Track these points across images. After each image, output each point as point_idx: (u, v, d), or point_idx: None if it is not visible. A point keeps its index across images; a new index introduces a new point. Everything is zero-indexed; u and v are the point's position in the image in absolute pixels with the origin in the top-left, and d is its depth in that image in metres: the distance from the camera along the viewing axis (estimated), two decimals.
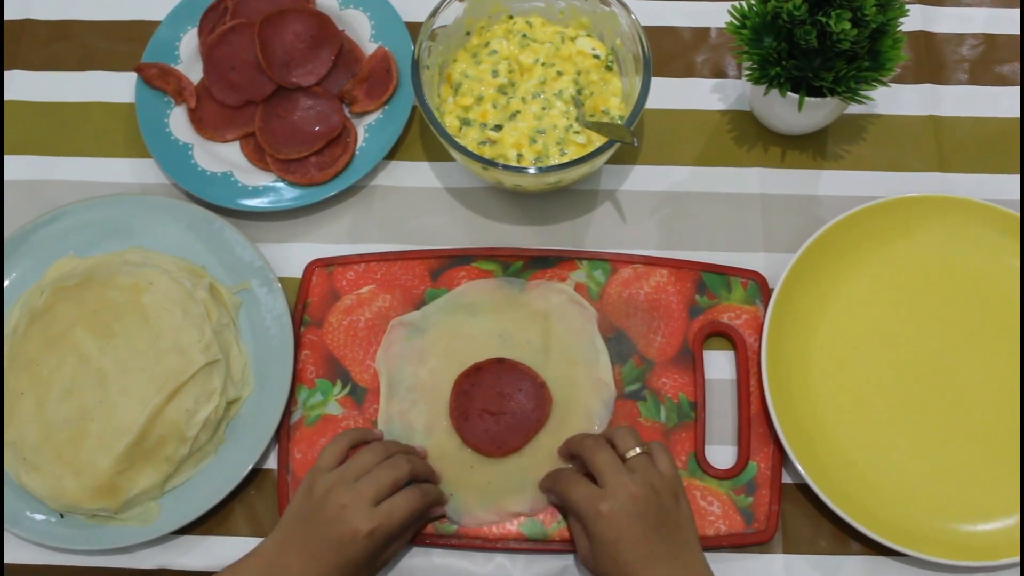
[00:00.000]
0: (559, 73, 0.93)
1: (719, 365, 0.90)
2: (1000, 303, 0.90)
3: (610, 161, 0.95)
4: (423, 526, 0.84)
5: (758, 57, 0.88)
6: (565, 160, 0.90)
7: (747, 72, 0.90)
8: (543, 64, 0.94)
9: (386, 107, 0.98)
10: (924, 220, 0.92)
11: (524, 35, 0.95)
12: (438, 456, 0.86)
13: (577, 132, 0.91)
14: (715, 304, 0.91)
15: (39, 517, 0.85)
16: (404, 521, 0.78)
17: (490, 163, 0.85)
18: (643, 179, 0.98)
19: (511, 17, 0.97)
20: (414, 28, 0.98)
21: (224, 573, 0.75)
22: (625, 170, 0.98)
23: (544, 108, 0.92)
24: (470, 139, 0.92)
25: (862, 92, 0.87)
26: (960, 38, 1.03)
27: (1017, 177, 0.97)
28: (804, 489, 0.86)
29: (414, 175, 0.99)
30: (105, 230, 0.94)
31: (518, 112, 0.92)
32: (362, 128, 0.98)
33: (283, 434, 0.88)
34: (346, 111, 0.99)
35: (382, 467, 0.79)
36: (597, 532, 0.74)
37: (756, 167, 0.98)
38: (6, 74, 1.04)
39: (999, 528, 0.83)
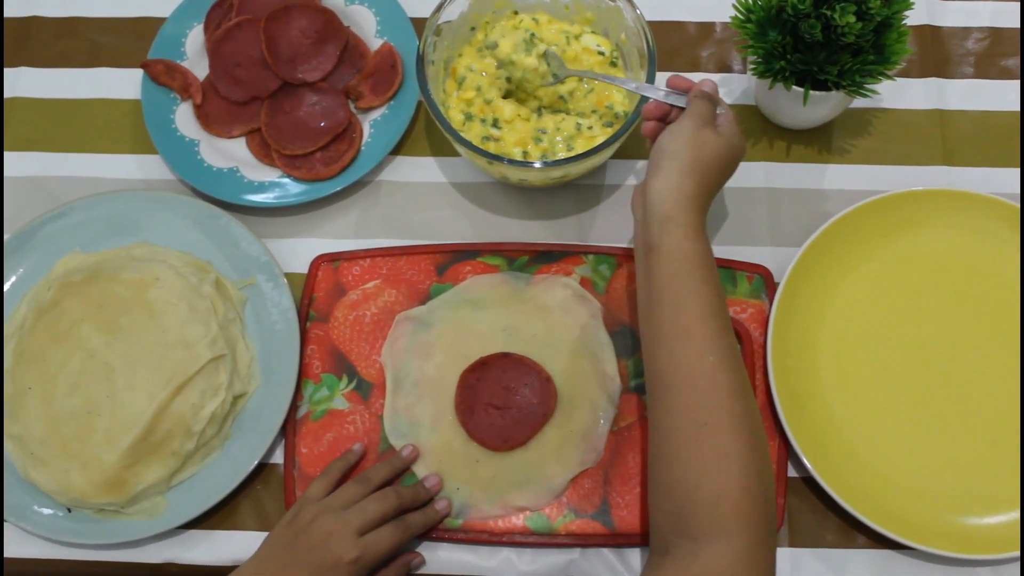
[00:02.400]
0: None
1: None
2: (1006, 296, 0.90)
3: (615, 155, 0.95)
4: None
5: (763, 51, 0.88)
6: (571, 155, 0.90)
7: (752, 66, 0.90)
8: None
9: (391, 102, 0.98)
10: (930, 214, 0.92)
11: (532, 34, 0.95)
12: (444, 450, 0.87)
13: (590, 127, 0.91)
14: None
15: (46, 511, 0.86)
16: (387, 553, 0.79)
17: (496, 157, 0.85)
18: None
19: (516, 13, 0.97)
20: (419, 24, 0.98)
21: None
22: (630, 164, 0.98)
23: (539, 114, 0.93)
24: (474, 133, 0.92)
25: (867, 86, 0.87)
26: (966, 32, 1.03)
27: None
28: (810, 483, 0.86)
29: (419, 170, 0.99)
30: (111, 226, 0.94)
31: (498, 118, 0.92)
32: (367, 123, 0.98)
33: (289, 429, 0.88)
34: (351, 107, 0.99)
35: (371, 499, 0.80)
36: (730, 132, 0.80)
37: (761, 161, 0.98)
38: (14, 71, 1.05)
39: (1005, 521, 0.83)
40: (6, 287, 0.93)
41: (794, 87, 0.88)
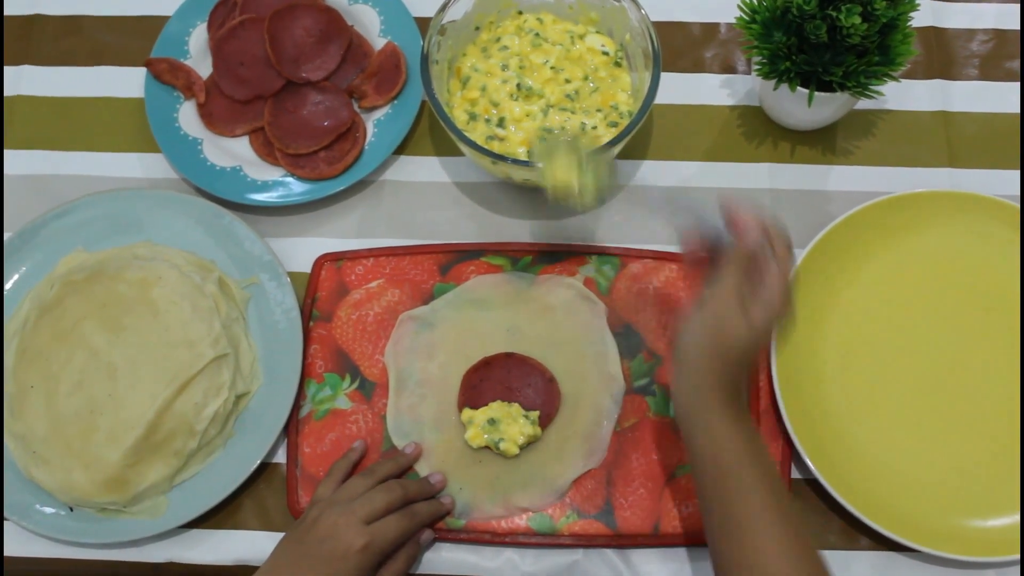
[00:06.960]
0: (567, 80, 0.94)
1: None
2: (1010, 298, 0.90)
3: (619, 156, 0.95)
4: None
5: (768, 52, 0.88)
6: None
7: (757, 67, 0.90)
8: (552, 67, 0.94)
9: (395, 102, 0.98)
10: (934, 216, 0.92)
11: (537, 34, 0.95)
12: (447, 450, 0.86)
13: (594, 127, 0.91)
14: None
15: (49, 510, 0.85)
16: (396, 539, 0.79)
17: (500, 157, 0.85)
18: (652, 174, 0.98)
19: (520, 12, 0.97)
20: (423, 23, 0.98)
21: None
22: (635, 165, 0.98)
23: (544, 113, 0.92)
24: (478, 133, 0.92)
25: (872, 87, 0.87)
26: (970, 33, 1.03)
27: None
28: (813, 484, 0.85)
29: (423, 170, 0.99)
30: (114, 224, 0.94)
31: (504, 117, 0.92)
32: (371, 123, 0.98)
33: (292, 428, 0.88)
34: (355, 106, 0.99)
35: (377, 490, 0.80)
36: (760, 319, 0.70)
37: (765, 162, 0.98)
38: (16, 69, 1.04)
39: (1010, 524, 0.83)
40: (8, 286, 0.92)
41: (799, 88, 0.88)
